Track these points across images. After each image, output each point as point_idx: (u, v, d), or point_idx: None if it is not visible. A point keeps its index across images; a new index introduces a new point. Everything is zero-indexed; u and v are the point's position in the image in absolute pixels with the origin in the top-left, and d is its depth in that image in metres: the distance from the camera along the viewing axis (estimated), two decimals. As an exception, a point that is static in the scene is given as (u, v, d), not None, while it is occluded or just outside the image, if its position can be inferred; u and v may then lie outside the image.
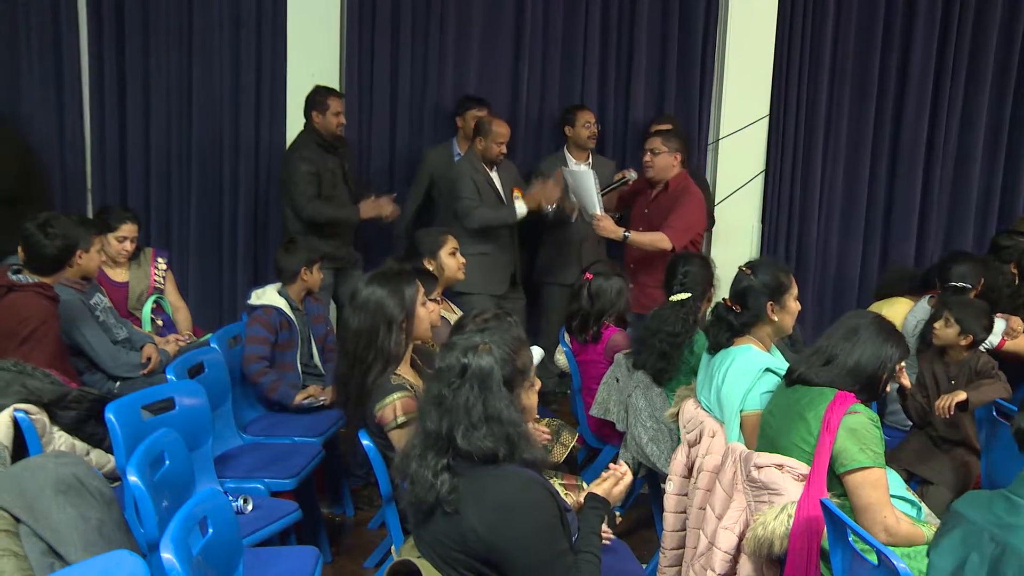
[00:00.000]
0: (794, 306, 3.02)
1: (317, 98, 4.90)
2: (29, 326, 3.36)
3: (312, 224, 4.84)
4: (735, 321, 2.99)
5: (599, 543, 2.18)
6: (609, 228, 4.59)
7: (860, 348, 2.61)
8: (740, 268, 3.06)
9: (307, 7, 5.41)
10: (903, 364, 3.50)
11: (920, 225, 6.09)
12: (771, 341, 3.05)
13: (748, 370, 2.91)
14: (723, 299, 3.08)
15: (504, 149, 4.94)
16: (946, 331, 3.55)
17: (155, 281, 4.37)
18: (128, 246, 4.25)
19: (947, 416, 3.36)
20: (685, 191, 4.65)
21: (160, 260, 4.43)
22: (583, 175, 4.65)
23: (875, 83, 5.86)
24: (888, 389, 2.72)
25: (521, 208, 4.84)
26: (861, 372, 2.60)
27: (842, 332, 2.66)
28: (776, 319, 2.99)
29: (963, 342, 3.54)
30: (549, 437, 3.33)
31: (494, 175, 4.99)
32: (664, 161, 4.62)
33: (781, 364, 2.94)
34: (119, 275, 4.28)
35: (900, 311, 4.14)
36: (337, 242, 4.95)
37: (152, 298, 4.33)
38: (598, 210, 4.62)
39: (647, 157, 4.66)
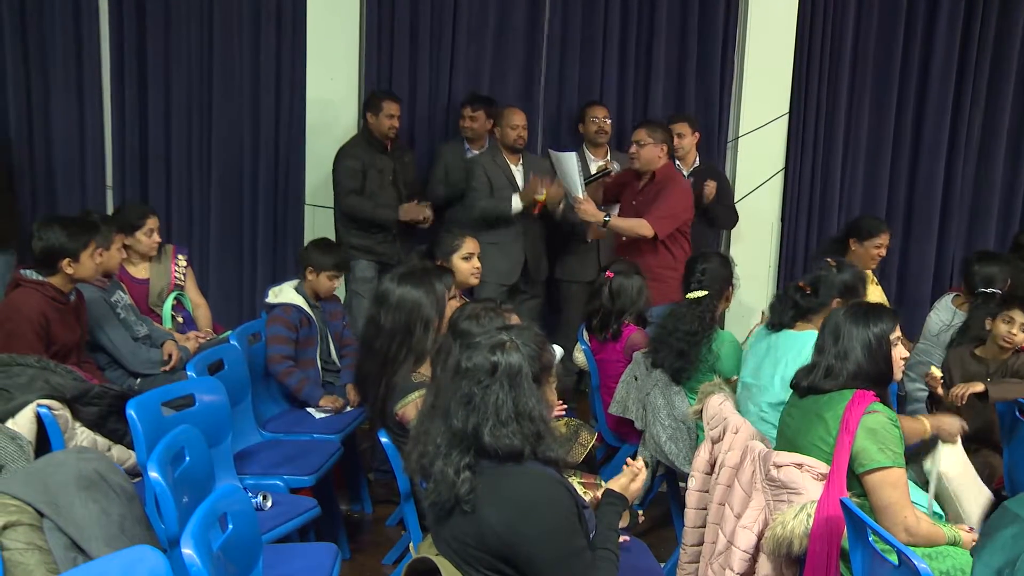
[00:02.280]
0: None
1: (373, 99, 5.04)
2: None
3: (351, 218, 4.93)
4: (802, 302, 3.01)
5: (617, 539, 2.17)
6: (590, 211, 4.60)
7: (850, 345, 2.59)
8: (827, 260, 3.15)
9: (327, 9, 5.43)
10: (935, 371, 3.49)
11: (941, 224, 6.03)
12: None
13: None
14: (798, 280, 3.13)
15: (522, 133, 4.98)
16: (1018, 336, 3.52)
17: (175, 278, 4.39)
18: (157, 238, 4.28)
19: (959, 404, 3.33)
20: (671, 180, 4.67)
21: (180, 257, 4.45)
22: (566, 158, 4.64)
23: (896, 80, 5.81)
24: (899, 371, 2.68)
25: (516, 203, 4.85)
26: (863, 365, 2.58)
27: (829, 339, 2.64)
28: None
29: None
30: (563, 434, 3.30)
31: (518, 169, 4.99)
32: (650, 152, 4.65)
33: None
34: (140, 272, 4.30)
35: None
36: (379, 237, 5.02)
37: (172, 295, 4.35)
38: (580, 193, 4.63)
39: (632, 149, 4.70)
